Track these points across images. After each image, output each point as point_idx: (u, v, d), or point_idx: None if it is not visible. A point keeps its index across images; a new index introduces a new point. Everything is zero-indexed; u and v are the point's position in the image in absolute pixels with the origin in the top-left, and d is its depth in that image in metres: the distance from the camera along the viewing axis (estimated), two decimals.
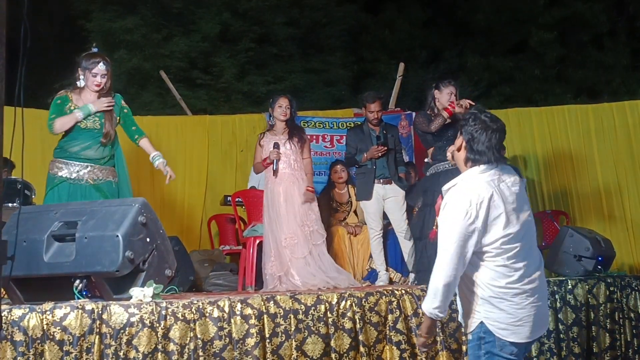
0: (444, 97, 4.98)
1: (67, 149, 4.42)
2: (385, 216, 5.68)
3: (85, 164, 4.39)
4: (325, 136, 7.88)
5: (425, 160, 5.25)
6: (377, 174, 5.57)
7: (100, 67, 4.47)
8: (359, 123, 6.22)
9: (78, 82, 4.50)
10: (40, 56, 12.30)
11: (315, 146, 7.64)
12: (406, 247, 5.47)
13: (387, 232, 5.81)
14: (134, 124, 4.67)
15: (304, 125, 7.52)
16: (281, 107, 5.31)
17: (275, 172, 5.19)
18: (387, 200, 5.55)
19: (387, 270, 5.68)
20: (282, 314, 3.48)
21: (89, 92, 4.50)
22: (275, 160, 5.17)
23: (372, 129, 5.70)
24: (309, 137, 5.64)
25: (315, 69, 12.06)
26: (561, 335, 4.06)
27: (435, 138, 5.02)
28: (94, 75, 4.45)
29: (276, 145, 5.21)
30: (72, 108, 4.44)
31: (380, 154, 5.52)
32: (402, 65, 8.68)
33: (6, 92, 2.20)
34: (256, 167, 5.43)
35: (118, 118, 4.56)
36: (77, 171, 4.37)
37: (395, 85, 8.50)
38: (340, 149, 7.80)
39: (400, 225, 5.56)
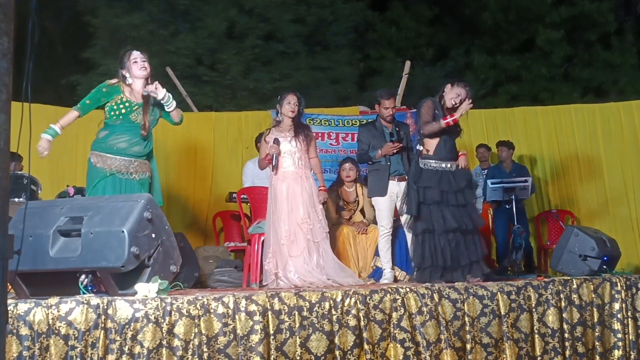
0: (451, 94, 4.95)
1: (114, 145, 4.42)
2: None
3: (132, 159, 4.44)
4: (331, 134, 7.88)
5: (420, 148, 5.04)
6: (391, 170, 5.55)
7: (135, 54, 4.52)
8: (370, 120, 6.19)
9: (126, 82, 4.53)
10: (46, 51, 12.34)
11: (321, 144, 7.65)
12: None
13: (394, 231, 5.79)
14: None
15: (310, 122, 7.52)
16: (290, 104, 5.27)
17: (274, 168, 5.18)
18: (401, 197, 5.47)
19: (392, 268, 5.66)
20: (286, 310, 3.48)
21: (136, 84, 4.52)
22: (274, 156, 5.16)
23: (385, 126, 5.68)
24: (314, 134, 5.62)
25: (321, 66, 12.05)
26: (565, 335, 4.05)
27: (435, 133, 4.95)
28: (135, 61, 4.49)
29: (276, 141, 5.18)
30: (122, 99, 4.44)
31: (395, 151, 5.50)
32: (408, 63, 8.67)
33: (13, 87, 2.20)
34: (260, 163, 5.43)
35: (159, 111, 4.57)
36: (127, 166, 4.42)
37: (402, 83, 8.49)
38: (346, 147, 7.80)
39: None
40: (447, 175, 4.91)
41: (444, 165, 4.94)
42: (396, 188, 5.53)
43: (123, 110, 4.43)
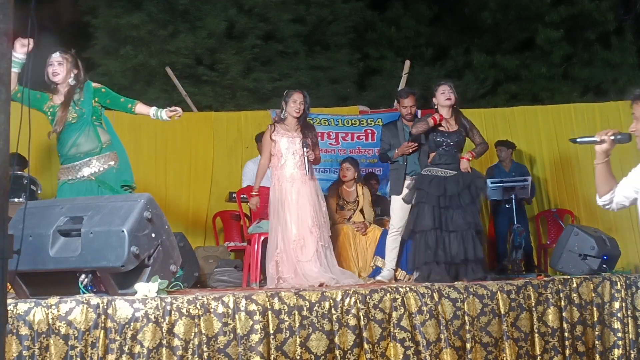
0: (440, 97, 5.17)
1: (63, 154, 4.40)
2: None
3: (86, 159, 4.35)
4: (331, 133, 7.88)
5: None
6: (407, 170, 5.56)
7: (52, 57, 4.44)
8: (392, 121, 6.17)
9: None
10: (45, 52, 12.32)
11: (321, 143, 7.61)
12: None
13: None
14: (120, 97, 4.50)
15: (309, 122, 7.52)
16: (295, 103, 5.21)
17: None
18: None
19: (393, 268, 5.66)
20: (286, 310, 3.48)
21: (59, 88, 4.43)
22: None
23: (406, 125, 5.69)
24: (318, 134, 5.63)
25: (320, 66, 12.04)
26: (565, 334, 4.05)
27: (436, 144, 5.16)
28: (50, 64, 4.42)
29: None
30: (49, 106, 4.41)
31: (411, 150, 5.50)
32: (407, 63, 8.66)
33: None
34: (262, 167, 5.36)
35: (95, 100, 4.41)
36: (78, 169, 4.34)
37: (401, 83, 8.49)
38: (345, 147, 7.81)
39: None
40: (440, 180, 5.03)
41: (435, 170, 5.10)
42: None
43: (50, 117, 4.40)
